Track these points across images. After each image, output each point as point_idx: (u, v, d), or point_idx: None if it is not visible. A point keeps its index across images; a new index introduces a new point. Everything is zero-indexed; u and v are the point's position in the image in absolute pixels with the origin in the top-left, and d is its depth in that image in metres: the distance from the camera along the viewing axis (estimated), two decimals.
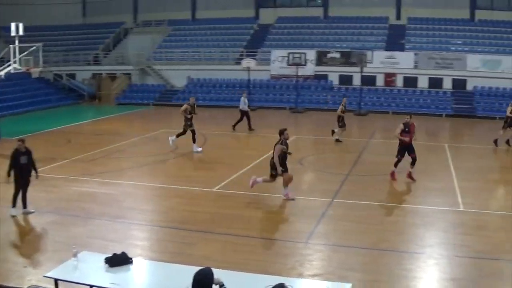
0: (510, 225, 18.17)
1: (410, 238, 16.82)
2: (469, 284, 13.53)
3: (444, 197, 21.34)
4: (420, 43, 54.93)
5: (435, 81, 51.14)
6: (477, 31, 56.42)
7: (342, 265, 14.26)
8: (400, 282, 13.46)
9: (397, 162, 23.17)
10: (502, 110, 46.35)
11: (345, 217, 18.49)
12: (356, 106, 47.63)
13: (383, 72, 51.69)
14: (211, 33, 61.88)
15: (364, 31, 57.74)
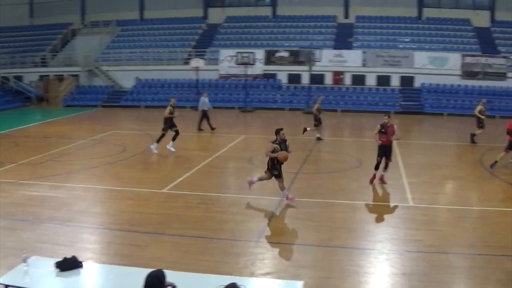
0: (458, 219, 18.46)
1: (361, 235, 16.90)
2: (420, 278, 13.68)
3: (393, 193, 21.58)
4: (368, 41, 55.48)
5: (383, 79, 51.74)
6: (424, 29, 57.22)
7: (294, 262, 14.32)
8: (352, 278, 13.52)
9: (376, 164, 22.66)
10: (450, 107, 47.27)
11: (296, 215, 18.57)
12: (305, 104, 47.85)
13: (331, 70, 52.11)
14: (160, 33, 61.67)
15: (313, 30, 58.07)
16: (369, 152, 29.39)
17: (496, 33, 57.37)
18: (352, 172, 25.03)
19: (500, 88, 50.84)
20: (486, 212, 19.79)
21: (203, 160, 26.71)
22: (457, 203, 20.53)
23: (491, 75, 51.35)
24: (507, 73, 51.41)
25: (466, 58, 51.75)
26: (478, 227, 17.96)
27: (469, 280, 13.81)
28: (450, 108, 48.76)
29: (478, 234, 17.15)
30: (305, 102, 48.27)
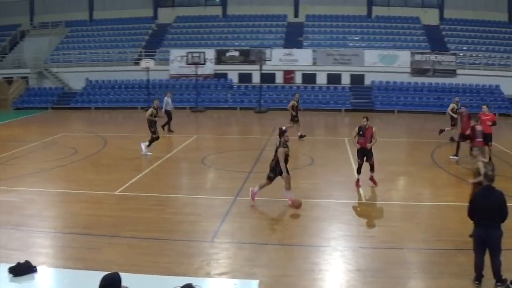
0: (411, 214, 18.70)
1: (315, 232, 17.01)
2: (374, 274, 13.82)
3: (346, 190, 21.73)
4: (318, 40, 55.81)
5: (333, 77, 52.10)
6: (374, 27, 57.79)
7: (249, 262, 14.30)
8: (307, 276, 13.59)
9: (358, 167, 22.23)
10: (400, 104, 47.76)
11: (249, 214, 18.59)
12: (256, 103, 47.91)
13: (282, 69, 52.26)
14: (109, 33, 61.21)
15: (263, 29, 58.20)
16: (321, 150, 29.69)
17: (445, 31, 58.23)
18: (305, 170, 25.13)
19: (449, 85, 51.63)
20: (438, 207, 20.10)
21: (156, 161, 26.59)
22: (409, 199, 20.78)
23: (440, 72, 52.08)
24: (457, 70, 52.21)
25: (416, 56, 52.40)
26: (430, 222, 18.20)
27: (424, 274, 13.99)
28: (401, 105, 49.28)
29: (431, 229, 17.38)
30: (256, 101, 48.33)
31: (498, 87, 51.88)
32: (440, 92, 50.87)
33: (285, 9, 60.22)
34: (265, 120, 43.38)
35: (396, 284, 13.40)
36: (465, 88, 51.58)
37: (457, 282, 13.44)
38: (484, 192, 12.88)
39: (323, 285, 13.39)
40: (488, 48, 55.58)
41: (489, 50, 55.33)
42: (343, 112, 48.12)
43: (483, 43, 56.51)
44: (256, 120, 43.39)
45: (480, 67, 53.08)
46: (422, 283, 13.63)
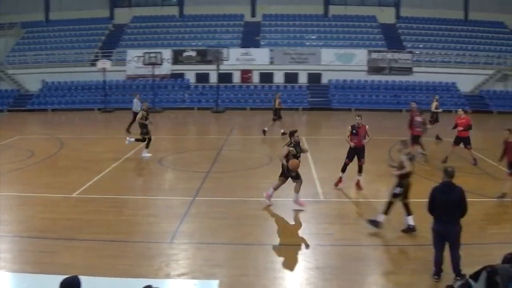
0: (369, 212, 18.76)
1: (274, 231, 17.09)
2: (333, 271, 13.93)
3: (304, 188, 21.68)
4: (275, 39, 55.93)
5: (290, 76, 52.26)
6: (331, 26, 58.09)
7: (208, 262, 14.31)
8: (267, 275, 13.66)
9: (344, 165, 21.93)
10: (357, 102, 48.07)
11: (208, 214, 18.53)
12: (213, 103, 47.84)
13: (239, 69, 52.23)
14: (65, 34, 60.57)
15: (220, 29, 58.14)
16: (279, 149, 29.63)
17: (402, 29, 58.84)
18: (263, 170, 25.16)
19: (406, 83, 52.22)
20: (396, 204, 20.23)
21: (113, 163, 26.39)
22: (367, 196, 20.96)
23: (397, 70, 52.62)
24: (413, 68, 52.78)
25: (372, 54, 52.84)
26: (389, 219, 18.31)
27: (383, 270, 14.18)
28: (358, 103, 49.60)
29: (389, 225, 17.50)
30: (214, 101, 48.27)
31: (454, 84, 52.61)
32: (397, 90, 51.37)
33: (242, 9, 60.24)
34: (222, 120, 43.36)
35: (355, 281, 13.53)
36: (421, 86, 52.22)
37: (416, 277, 13.61)
38: (444, 188, 13.03)
39: (283, 284, 13.44)
40: (444, 46, 56.26)
41: (445, 48, 56.01)
42: (300, 111, 48.30)
43: (439, 41, 57.19)
44: (214, 120, 43.36)
45: (436, 64, 53.83)
46: (381, 279, 13.76)
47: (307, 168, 24.95)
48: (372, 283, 13.71)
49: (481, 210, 19.47)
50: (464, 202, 12.91)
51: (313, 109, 47.32)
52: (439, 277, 13.29)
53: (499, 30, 60.03)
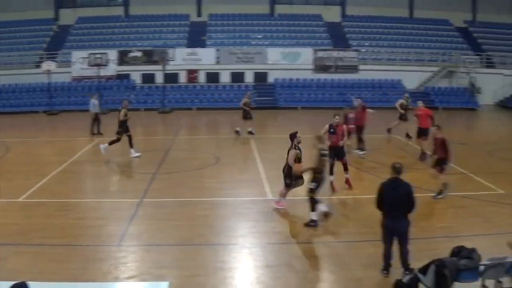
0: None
1: (223, 230, 17.07)
2: (283, 269, 14.02)
3: (252, 187, 21.89)
4: (222, 39, 55.93)
5: (237, 76, 52.32)
6: (276, 25, 58.30)
7: (157, 264, 14.26)
8: (217, 275, 13.67)
9: (330, 168, 21.40)
10: (303, 100, 48.30)
11: (156, 215, 18.45)
12: (160, 104, 47.62)
13: (185, 69, 52.07)
14: (9, 36, 59.48)
15: (166, 29, 57.91)
16: (226, 149, 29.75)
17: (347, 27, 59.34)
18: (210, 170, 25.16)
19: (352, 81, 52.61)
20: (344, 200, 20.51)
21: (59, 166, 26.03)
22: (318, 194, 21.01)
23: (343, 68, 53.07)
24: (359, 66, 53.26)
25: (318, 53, 53.19)
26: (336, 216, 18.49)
27: (333, 266, 14.30)
28: (304, 102, 49.85)
29: (337, 222, 17.72)
30: (160, 101, 48.06)
31: (399, 82, 53.26)
32: (343, 88, 51.72)
33: (188, 9, 60.05)
34: (169, 120, 43.17)
35: (305, 278, 13.62)
36: (367, 84, 52.77)
37: (366, 272, 13.78)
38: (392, 184, 13.20)
39: (233, 283, 13.46)
40: (389, 44, 56.96)
41: (391, 45, 56.71)
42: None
43: (384, 39, 57.86)
44: (160, 121, 43.16)
45: (382, 62, 54.45)
46: (331, 276, 13.90)
47: (254, 167, 25.07)
48: (322, 280, 13.83)
49: (428, 205, 19.86)
50: (412, 198, 13.10)
51: (259, 108, 47.30)
52: (388, 272, 13.47)
53: (444, 28, 61.01)
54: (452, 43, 58.56)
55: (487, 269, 12.01)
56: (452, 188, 21.08)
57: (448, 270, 11.59)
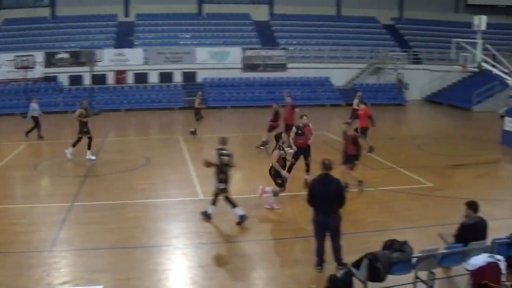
0: (249, 207, 18.97)
1: (155, 232, 17.07)
2: (216, 268, 14.14)
3: (183, 188, 21.90)
4: (150, 39, 55.54)
5: (165, 76, 52.07)
6: (204, 25, 58.19)
7: (90, 268, 14.12)
8: (151, 277, 13.66)
9: (290, 165, 21.50)
10: (232, 99, 48.36)
11: (88, 219, 18.24)
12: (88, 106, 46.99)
13: (113, 70, 51.53)
14: None
15: (93, 30, 57.13)
16: (156, 149, 29.63)
17: (275, 26, 59.56)
18: (141, 171, 25.04)
19: (280, 79, 52.88)
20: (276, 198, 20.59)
21: None
22: (245, 192, 21.10)
23: (271, 66, 53.28)
24: (287, 64, 53.57)
25: (247, 52, 53.33)
26: (269, 214, 18.69)
27: (267, 264, 14.44)
28: (233, 100, 49.93)
29: (270, 220, 17.86)
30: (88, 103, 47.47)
31: (328, 79, 53.92)
32: (271, 86, 51.94)
33: (115, 9, 59.36)
34: (98, 122, 42.39)
35: (239, 277, 13.71)
36: (295, 81, 53.14)
37: (299, 269, 13.95)
38: (322, 180, 13.38)
39: (167, 285, 13.51)
40: (317, 42, 57.45)
41: (319, 43, 57.21)
42: (176, 110, 48.07)
43: (312, 37, 58.34)
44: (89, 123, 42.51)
45: (310, 60, 54.88)
46: (265, 273, 14.02)
47: (185, 168, 25.05)
48: (256, 278, 13.93)
49: (359, 200, 20.13)
50: (342, 193, 13.32)
51: (188, 108, 47.17)
52: (321, 267, 13.66)
53: (371, 25, 61.94)
54: (379, 40, 59.43)
55: (419, 261, 12.26)
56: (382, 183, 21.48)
57: (381, 263, 11.78)
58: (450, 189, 21.93)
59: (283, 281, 13.47)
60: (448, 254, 12.66)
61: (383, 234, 15.36)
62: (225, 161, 17.45)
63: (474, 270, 12.17)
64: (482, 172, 25.24)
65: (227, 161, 17.49)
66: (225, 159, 17.49)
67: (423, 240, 14.96)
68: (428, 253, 12.33)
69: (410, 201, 20.48)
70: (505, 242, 13.07)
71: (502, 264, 12.10)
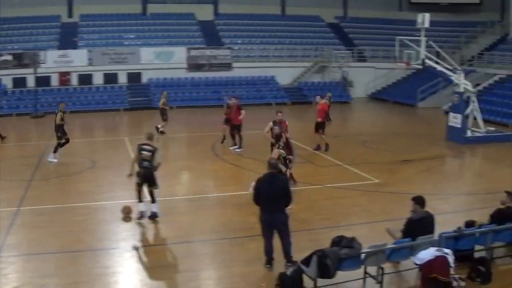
0: (198, 207, 19.26)
1: (103, 235, 16.90)
2: (166, 270, 14.09)
3: (130, 189, 21.62)
4: (94, 40, 54.98)
5: (110, 77, 51.56)
6: (149, 25, 57.86)
7: (39, 273, 13.91)
8: (100, 280, 13.51)
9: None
10: (178, 99, 48.20)
11: (34, 223, 17.95)
12: (32, 108, 46.35)
13: (57, 71, 50.86)
14: None
15: (36, 31, 56.31)
16: (102, 151, 29.38)
17: (220, 26, 59.51)
18: (87, 173, 24.78)
19: (226, 78, 52.92)
20: (223, 197, 20.71)
21: None
22: (194, 192, 21.17)
23: (217, 66, 53.24)
24: (232, 63, 53.59)
25: (192, 51, 53.15)
26: (217, 213, 18.76)
27: (216, 264, 14.45)
28: (179, 101, 49.67)
29: (218, 219, 17.95)
30: (33, 106, 46.82)
31: (273, 78, 54.11)
32: (217, 86, 52.02)
33: (58, 9, 58.58)
34: (42, 125, 41.92)
35: (189, 278, 13.69)
36: (241, 81, 53.24)
37: (249, 268, 13.97)
38: (268, 179, 13.44)
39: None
40: (262, 41, 57.56)
41: (263, 42, 57.33)
42: (121, 112, 47.68)
43: (257, 36, 58.46)
44: (33, 126, 41.98)
45: (255, 59, 54.96)
46: (215, 273, 14.04)
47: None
48: (206, 278, 13.93)
49: (307, 197, 20.29)
50: (288, 192, 13.39)
51: (134, 109, 46.88)
52: (271, 265, 13.73)
53: (316, 24, 62.36)
54: (324, 38, 59.88)
55: (368, 257, 12.40)
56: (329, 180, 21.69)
57: (330, 260, 11.87)
58: (397, 185, 22.27)
59: (233, 281, 13.48)
60: (397, 249, 12.84)
61: (332, 231, 15.52)
62: (145, 156, 17.67)
63: (422, 264, 12.35)
64: (428, 168, 25.65)
65: (147, 156, 17.70)
66: (144, 154, 17.69)
67: (371, 235, 15.12)
68: (377, 248, 12.47)
69: (357, 198, 20.69)
70: (452, 235, 13.31)
71: (450, 258, 12.30)
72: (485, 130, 33.05)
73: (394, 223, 14.66)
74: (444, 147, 29.88)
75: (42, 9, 57.36)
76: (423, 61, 32.17)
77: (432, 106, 46.99)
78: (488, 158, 29.04)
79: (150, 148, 17.87)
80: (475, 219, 14.87)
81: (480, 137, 32.19)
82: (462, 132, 30.65)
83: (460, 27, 63.69)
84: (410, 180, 23.31)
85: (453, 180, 24.40)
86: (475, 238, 13.81)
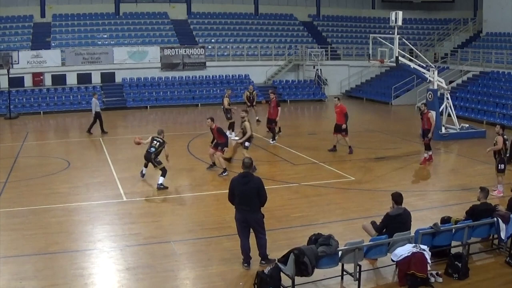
0: (174, 207, 19.37)
1: (79, 236, 16.81)
2: (144, 270, 14.03)
3: (106, 190, 21.68)
4: (67, 40, 54.62)
5: (83, 77, 51.20)
6: (122, 24, 57.61)
7: (16, 276, 13.82)
8: (77, 282, 13.47)
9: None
10: (152, 99, 48.11)
11: (9, 226, 17.80)
12: (5, 109, 46.01)
13: (30, 72, 50.50)
14: None
15: (9, 31, 55.86)
16: (77, 152, 29.22)
17: (193, 25, 59.37)
18: (63, 175, 24.61)
19: (200, 78, 52.83)
20: (199, 197, 20.72)
21: None
22: (170, 192, 21.18)
23: (190, 65, 53.09)
24: (206, 62, 53.51)
25: (165, 51, 52.98)
26: (193, 213, 18.77)
27: (194, 264, 14.45)
28: (153, 100, 49.57)
29: (195, 219, 17.94)
30: (6, 107, 46.47)
31: (247, 76, 54.07)
32: (191, 85, 51.95)
33: (30, 9, 58.17)
34: (16, 126, 41.58)
35: (167, 278, 13.68)
36: (215, 80, 53.18)
37: (227, 267, 14.04)
38: (242, 179, 13.52)
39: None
40: (236, 40, 57.55)
41: (237, 41, 57.32)
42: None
43: (231, 35, 58.44)
44: (7, 127, 41.57)
45: (229, 58, 54.97)
46: (193, 273, 14.03)
47: (107, 170, 24.83)
48: (184, 278, 13.90)
49: (283, 195, 20.40)
50: (262, 191, 13.48)
51: (108, 109, 46.58)
52: (249, 264, 13.82)
53: (289, 22, 62.38)
54: (297, 37, 60.00)
55: (345, 254, 12.45)
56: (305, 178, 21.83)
57: (307, 258, 11.92)
58: (372, 182, 22.44)
59: (211, 280, 13.49)
60: (374, 246, 12.90)
61: (309, 228, 15.59)
62: (153, 145, 22.10)
63: (400, 260, 12.47)
64: (403, 164, 25.88)
65: (155, 145, 22.07)
66: (154, 143, 22.08)
67: (348, 233, 15.22)
68: (354, 245, 12.53)
69: (333, 195, 20.82)
70: (429, 232, 13.39)
71: (427, 254, 12.40)
72: (459, 126, 33.30)
73: (370, 220, 14.75)
74: (419, 144, 30.05)
75: (14, 9, 56.97)
76: (396, 59, 32.31)
77: (406, 104, 47.26)
78: (462, 154, 29.22)
79: (159, 140, 22.08)
80: (451, 215, 15.02)
81: (454, 133, 32.47)
82: (436, 129, 30.85)
83: (433, 24, 64.20)
84: (386, 177, 23.48)
85: (428, 176, 24.56)
86: (451, 234, 13.92)
